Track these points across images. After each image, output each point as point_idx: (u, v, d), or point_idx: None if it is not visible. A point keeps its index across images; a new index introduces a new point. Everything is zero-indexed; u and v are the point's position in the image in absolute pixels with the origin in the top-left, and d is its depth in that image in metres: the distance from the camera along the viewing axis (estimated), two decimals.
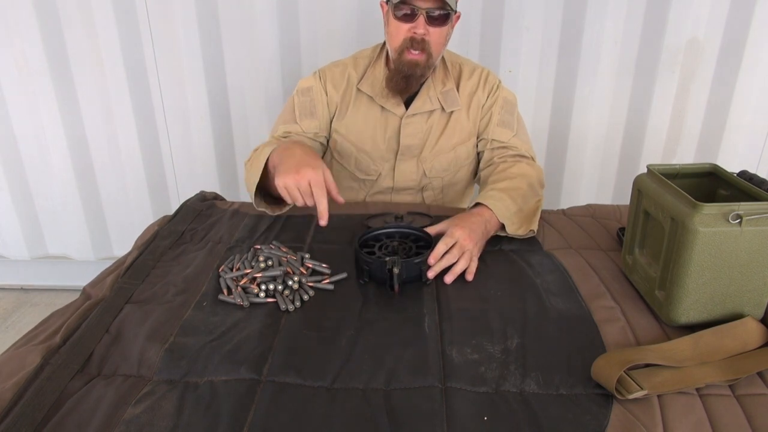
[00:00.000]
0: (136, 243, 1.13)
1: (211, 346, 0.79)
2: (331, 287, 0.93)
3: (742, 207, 0.75)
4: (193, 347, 0.79)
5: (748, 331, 0.79)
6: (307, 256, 1.00)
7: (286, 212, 1.18)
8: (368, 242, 1.02)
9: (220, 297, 0.91)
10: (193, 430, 0.65)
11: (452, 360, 0.76)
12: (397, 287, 0.89)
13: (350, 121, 1.32)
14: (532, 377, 0.73)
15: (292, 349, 0.79)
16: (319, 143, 1.34)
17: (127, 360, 0.77)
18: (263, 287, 0.90)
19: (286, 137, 1.27)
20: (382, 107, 1.30)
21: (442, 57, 1.31)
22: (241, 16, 1.82)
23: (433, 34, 1.18)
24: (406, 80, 1.22)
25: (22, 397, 0.69)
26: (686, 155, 1.94)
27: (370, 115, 1.31)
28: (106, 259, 2.19)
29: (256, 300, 0.89)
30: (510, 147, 1.29)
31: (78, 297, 0.94)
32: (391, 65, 1.25)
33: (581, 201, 1.52)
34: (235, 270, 0.96)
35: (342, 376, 0.74)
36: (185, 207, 1.25)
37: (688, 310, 0.81)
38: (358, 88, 1.30)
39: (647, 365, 0.74)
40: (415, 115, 1.29)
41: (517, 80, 1.86)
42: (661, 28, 1.76)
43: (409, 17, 1.16)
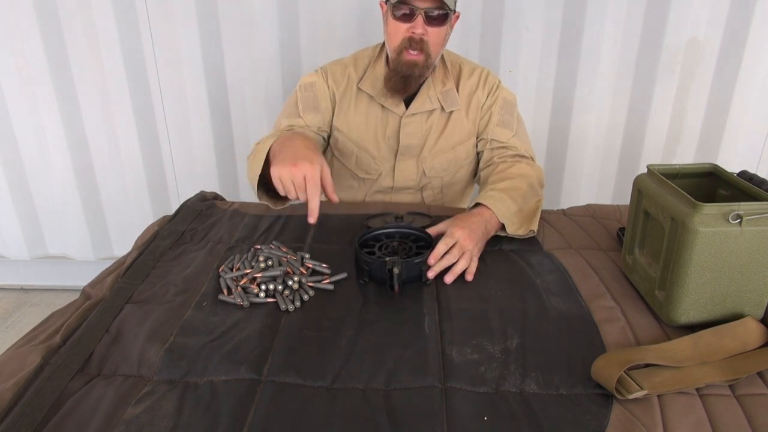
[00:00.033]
0: (136, 243, 1.13)
1: (211, 346, 0.79)
2: (331, 287, 0.93)
3: (742, 207, 0.75)
4: (193, 347, 0.79)
5: (748, 331, 0.79)
6: (307, 256, 1.00)
7: (289, 209, 1.18)
8: (368, 242, 1.02)
9: (220, 297, 0.91)
10: (193, 430, 0.65)
11: (452, 360, 0.76)
12: (397, 287, 0.89)
13: (351, 120, 1.32)
14: (532, 377, 0.73)
15: (292, 349, 0.79)
16: (321, 137, 1.34)
17: (127, 360, 0.77)
18: (263, 287, 0.90)
19: (289, 130, 1.26)
20: (383, 106, 1.30)
21: (441, 57, 1.31)
22: (241, 16, 1.82)
23: (432, 34, 1.18)
24: (404, 80, 1.22)
25: (22, 397, 0.69)
26: (686, 155, 1.94)
27: (371, 114, 1.31)
28: (106, 259, 2.19)
29: (256, 300, 0.89)
30: (509, 147, 1.29)
31: (78, 297, 0.94)
32: (390, 65, 1.25)
33: (581, 201, 1.52)
34: (235, 270, 0.96)
35: (342, 376, 0.74)
36: (185, 207, 1.25)
37: (688, 310, 0.81)
38: (359, 88, 1.30)
39: (647, 365, 0.74)
40: (415, 114, 1.29)
41: (517, 80, 1.86)
42: (661, 28, 1.76)
43: (408, 17, 1.16)
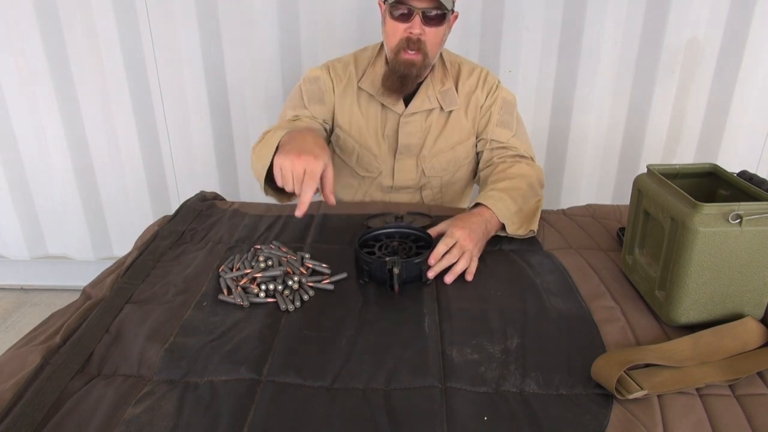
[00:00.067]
0: (136, 243, 1.13)
1: (211, 346, 0.79)
2: (331, 287, 0.93)
3: (742, 207, 0.75)
4: (193, 347, 0.79)
5: (748, 331, 0.79)
6: (307, 256, 1.00)
7: (288, 208, 1.17)
8: (368, 242, 1.02)
9: (220, 297, 0.91)
10: (193, 430, 0.65)
11: (452, 360, 0.76)
12: (397, 287, 0.89)
13: (352, 118, 1.32)
14: (532, 377, 0.73)
15: (292, 349, 0.79)
16: (325, 129, 1.33)
17: (127, 360, 0.77)
18: (263, 287, 0.90)
19: (295, 120, 1.26)
20: (383, 105, 1.30)
21: (441, 56, 1.31)
22: (241, 16, 1.82)
23: (429, 34, 1.17)
24: (401, 80, 1.21)
25: (22, 397, 0.69)
26: (686, 155, 1.94)
27: (371, 112, 1.31)
28: (106, 259, 2.19)
29: (256, 300, 0.89)
30: (509, 147, 1.29)
31: (78, 297, 0.94)
32: (388, 64, 1.25)
33: (581, 201, 1.52)
34: (235, 270, 0.96)
35: (342, 376, 0.74)
36: (185, 207, 1.25)
37: (688, 310, 0.81)
38: (359, 86, 1.31)
39: (647, 365, 0.74)
40: (414, 114, 1.29)
41: (517, 80, 1.86)
42: (661, 28, 1.76)
43: (406, 17, 1.16)
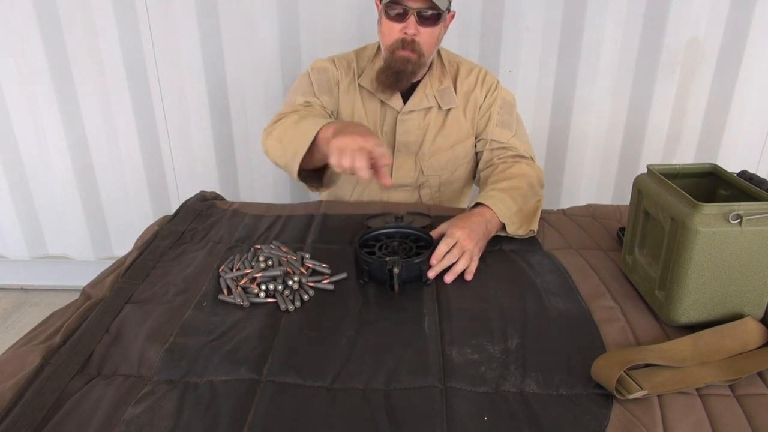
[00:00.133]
0: (136, 243, 1.13)
1: (211, 346, 0.79)
2: (331, 287, 0.93)
3: (742, 207, 0.75)
4: (193, 347, 0.79)
5: (748, 331, 0.79)
6: (307, 256, 1.00)
7: (288, 209, 1.17)
8: (368, 242, 1.02)
9: (220, 297, 0.91)
10: (193, 430, 0.65)
11: (452, 360, 0.76)
12: (397, 287, 0.89)
13: (354, 113, 1.32)
14: (532, 377, 0.73)
15: (292, 349, 0.79)
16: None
17: (127, 360, 0.77)
18: (263, 287, 0.90)
19: (308, 107, 1.25)
20: (382, 102, 1.30)
21: (439, 55, 1.31)
22: (241, 15, 1.82)
23: (424, 34, 1.18)
24: (396, 76, 1.21)
25: (22, 397, 0.69)
26: (686, 155, 1.94)
27: (370, 109, 1.31)
28: (106, 259, 2.19)
29: (256, 300, 0.89)
30: (509, 147, 1.29)
31: (78, 297, 0.94)
32: (384, 62, 1.25)
33: (581, 201, 1.52)
34: (235, 270, 0.96)
35: (342, 376, 0.74)
36: (185, 207, 1.25)
37: (688, 310, 0.81)
38: (359, 83, 1.31)
39: (647, 365, 0.74)
40: (412, 112, 1.30)
41: (517, 80, 1.86)
42: (661, 28, 1.76)
43: (401, 17, 1.16)
